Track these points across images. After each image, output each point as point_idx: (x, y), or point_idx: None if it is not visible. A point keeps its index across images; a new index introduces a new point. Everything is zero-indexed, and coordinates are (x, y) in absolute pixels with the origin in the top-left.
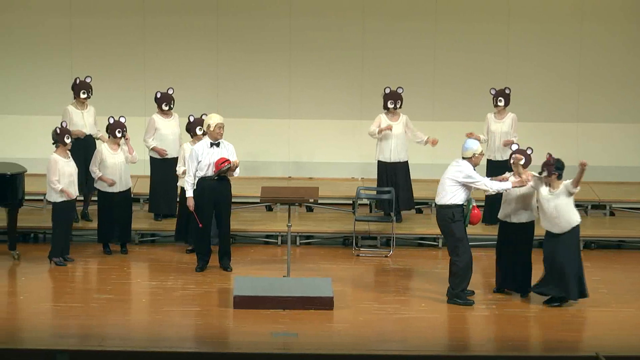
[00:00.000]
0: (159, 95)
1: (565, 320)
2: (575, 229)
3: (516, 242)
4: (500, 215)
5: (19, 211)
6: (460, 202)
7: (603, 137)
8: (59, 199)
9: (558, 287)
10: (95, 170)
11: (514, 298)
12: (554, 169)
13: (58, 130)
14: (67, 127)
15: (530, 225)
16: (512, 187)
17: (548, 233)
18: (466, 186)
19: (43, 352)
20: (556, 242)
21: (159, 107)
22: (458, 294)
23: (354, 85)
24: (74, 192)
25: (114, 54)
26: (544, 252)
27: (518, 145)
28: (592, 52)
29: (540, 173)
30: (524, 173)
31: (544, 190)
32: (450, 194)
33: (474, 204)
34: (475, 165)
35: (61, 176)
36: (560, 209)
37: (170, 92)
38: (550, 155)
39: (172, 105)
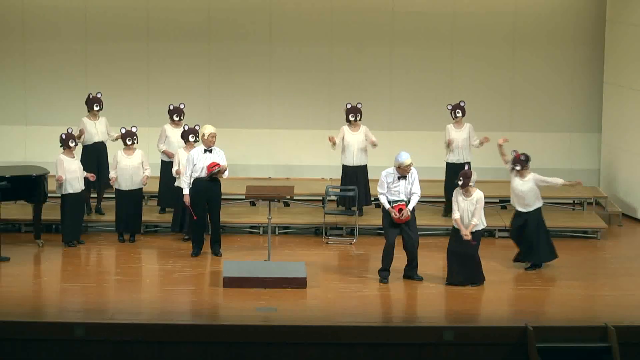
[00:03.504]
0: (171, 107)
1: (502, 296)
2: (539, 209)
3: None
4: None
5: (43, 206)
6: (389, 199)
7: (532, 144)
8: (68, 190)
9: (532, 255)
10: (112, 172)
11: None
12: (525, 163)
13: (64, 136)
14: (72, 132)
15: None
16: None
17: (517, 212)
18: (389, 187)
19: (63, 324)
20: (525, 217)
21: (171, 117)
22: (379, 270)
23: (323, 100)
24: (78, 186)
25: (123, 73)
26: (513, 226)
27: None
28: (522, 73)
29: (513, 167)
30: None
31: (516, 180)
32: None
33: (395, 205)
34: (401, 174)
35: (66, 172)
36: (528, 193)
37: (182, 106)
38: (517, 152)
39: (182, 117)
